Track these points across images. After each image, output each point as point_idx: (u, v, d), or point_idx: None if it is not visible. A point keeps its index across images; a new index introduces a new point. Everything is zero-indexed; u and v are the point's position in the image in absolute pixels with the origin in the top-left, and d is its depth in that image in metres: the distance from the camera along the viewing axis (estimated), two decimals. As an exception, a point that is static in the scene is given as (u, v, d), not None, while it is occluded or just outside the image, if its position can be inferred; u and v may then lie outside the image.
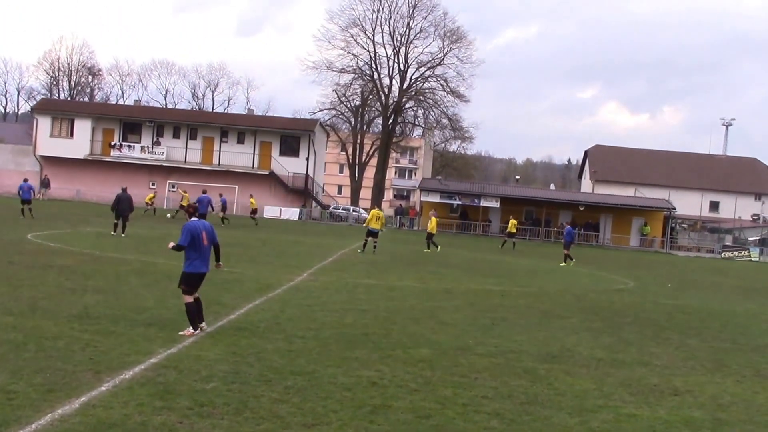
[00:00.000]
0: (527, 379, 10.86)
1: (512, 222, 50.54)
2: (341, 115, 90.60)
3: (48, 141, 71.84)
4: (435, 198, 69.73)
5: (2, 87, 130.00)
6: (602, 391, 10.51)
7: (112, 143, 71.72)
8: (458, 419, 8.61)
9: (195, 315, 12.00)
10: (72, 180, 70.80)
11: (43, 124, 72.54)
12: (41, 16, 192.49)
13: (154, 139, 72.33)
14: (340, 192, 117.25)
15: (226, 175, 70.73)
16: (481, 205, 68.37)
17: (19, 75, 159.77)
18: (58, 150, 71.35)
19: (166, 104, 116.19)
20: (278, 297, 17.19)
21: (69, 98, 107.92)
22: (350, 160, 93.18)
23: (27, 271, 18.05)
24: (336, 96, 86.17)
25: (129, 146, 71.55)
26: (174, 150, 71.88)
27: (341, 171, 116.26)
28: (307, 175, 71.50)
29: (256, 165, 71.83)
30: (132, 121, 73.84)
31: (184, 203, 44.33)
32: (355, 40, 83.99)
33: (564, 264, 36.11)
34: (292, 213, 68.72)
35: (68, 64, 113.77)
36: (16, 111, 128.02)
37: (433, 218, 39.04)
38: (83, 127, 71.95)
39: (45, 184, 67.24)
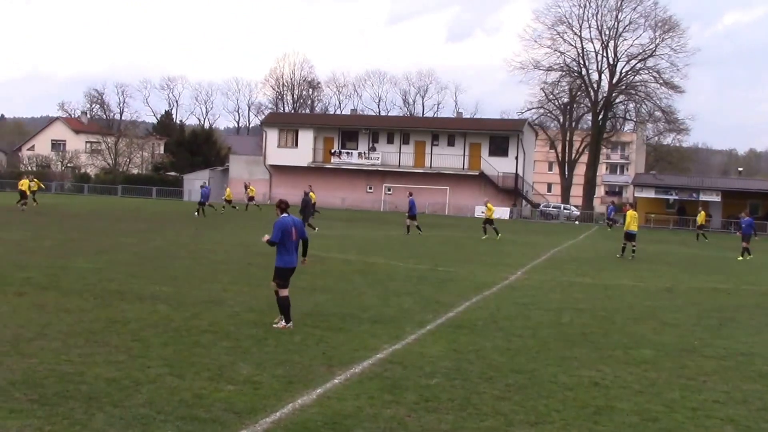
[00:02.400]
0: (762, 383, 10.15)
1: (701, 214, 49.04)
2: (549, 113, 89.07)
3: (276, 151, 75.82)
4: (650, 193, 67.23)
5: (235, 104, 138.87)
6: None
7: (332, 151, 74.58)
8: (688, 423, 8.17)
9: (289, 308, 11.94)
10: (297, 186, 73.88)
11: (271, 135, 76.64)
12: (268, 38, 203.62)
13: (370, 146, 74.46)
14: (549, 190, 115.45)
15: (438, 177, 71.66)
16: (700, 199, 65.04)
17: (249, 92, 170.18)
18: (285, 159, 75.12)
19: (379, 111, 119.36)
20: (494, 295, 17.22)
21: (293, 111, 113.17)
22: (560, 158, 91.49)
23: (263, 272, 19.01)
24: (543, 94, 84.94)
25: (347, 153, 74.10)
26: (388, 155, 73.64)
27: (551, 169, 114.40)
28: (516, 174, 71.00)
29: (466, 166, 72.22)
30: (349, 130, 76.43)
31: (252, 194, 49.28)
32: (562, 38, 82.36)
33: (741, 258, 33.13)
34: (502, 212, 68.28)
35: (291, 79, 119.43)
36: (248, 125, 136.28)
37: (489, 204, 39.88)
38: (306, 137, 75.34)
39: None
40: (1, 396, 7.54)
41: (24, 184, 45.00)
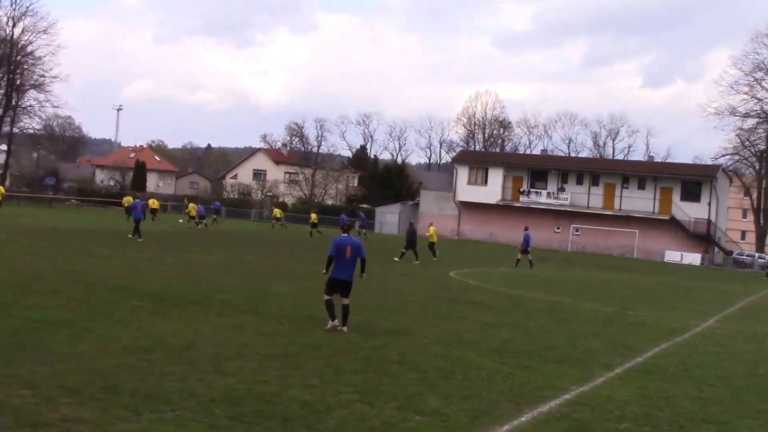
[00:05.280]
0: None
1: None
2: (745, 160, 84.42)
3: (465, 188, 76.02)
4: None
5: (428, 141, 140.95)
6: None
7: (521, 190, 73.91)
8: None
9: (332, 309, 13.44)
10: (485, 223, 74.07)
11: (462, 172, 76.99)
12: (462, 78, 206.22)
13: (559, 186, 73.21)
14: (743, 238, 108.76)
15: (627, 220, 69.41)
16: None
17: (441, 130, 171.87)
18: (474, 196, 75.15)
19: (569, 153, 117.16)
20: (684, 342, 16.24)
21: (483, 149, 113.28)
22: (755, 205, 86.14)
23: (451, 305, 19.06)
24: (739, 141, 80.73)
25: (536, 192, 73.25)
26: (577, 196, 72.12)
27: (745, 216, 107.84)
28: (708, 220, 67.54)
29: (656, 210, 69.50)
30: (539, 169, 75.59)
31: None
32: (760, 84, 78.26)
33: None
34: (693, 258, 65.17)
35: (483, 118, 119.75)
36: (439, 161, 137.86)
37: (433, 228, 38.59)
38: (496, 175, 75.10)
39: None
40: (202, 412, 7.78)
41: (128, 200, 55.07)
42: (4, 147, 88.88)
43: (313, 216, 55.53)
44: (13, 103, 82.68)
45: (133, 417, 7.37)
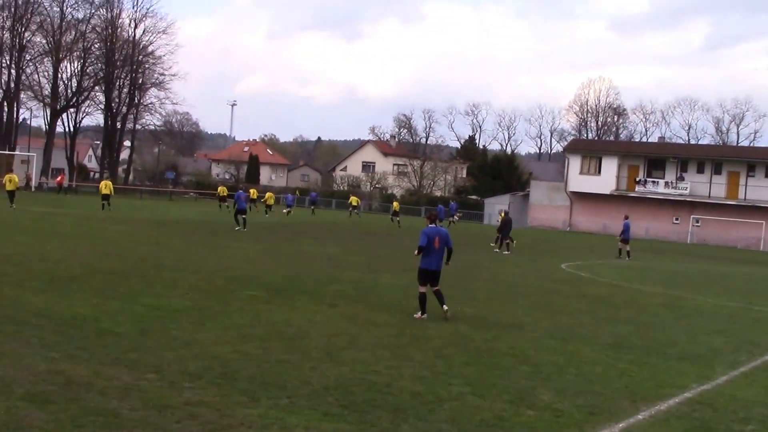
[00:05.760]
0: None
1: None
2: None
3: (577, 178, 74.45)
4: None
5: (538, 130, 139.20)
6: None
7: (637, 179, 71.90)
8: None
9: (424, 303, 13.75)
10: (598, 214, 72.45)
11: (574, 162, 75.43)
12: (573, 64, 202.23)
13: (678, 175, 70.84)
14: None
15: (753, 210, 66.50)
16: None
17: (552, 118, 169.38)
18: (587, 186, 73.51)
19: (688, 140, 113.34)
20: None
21: (596, 138, 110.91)
22: None
23: (562, 299, 18.78)
24: None
25: (653, 182, 71.08)
26: (698, 185, 69.54)
27: None
28: None
29: (786, 200, 66.30)
30: (656, 158, 73.36)
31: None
32: None
33: None
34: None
35: (596, 105, 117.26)
36: (549, 151, 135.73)
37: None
38: (610, 165, 73.22)
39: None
40: (316, 399, 7.98)
41: (222, 190, 59.99)
42: (128, 143, 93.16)
43: (395, 205, 59.50)
44: (136, 101, 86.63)
45: (251, 402, 7.65)
